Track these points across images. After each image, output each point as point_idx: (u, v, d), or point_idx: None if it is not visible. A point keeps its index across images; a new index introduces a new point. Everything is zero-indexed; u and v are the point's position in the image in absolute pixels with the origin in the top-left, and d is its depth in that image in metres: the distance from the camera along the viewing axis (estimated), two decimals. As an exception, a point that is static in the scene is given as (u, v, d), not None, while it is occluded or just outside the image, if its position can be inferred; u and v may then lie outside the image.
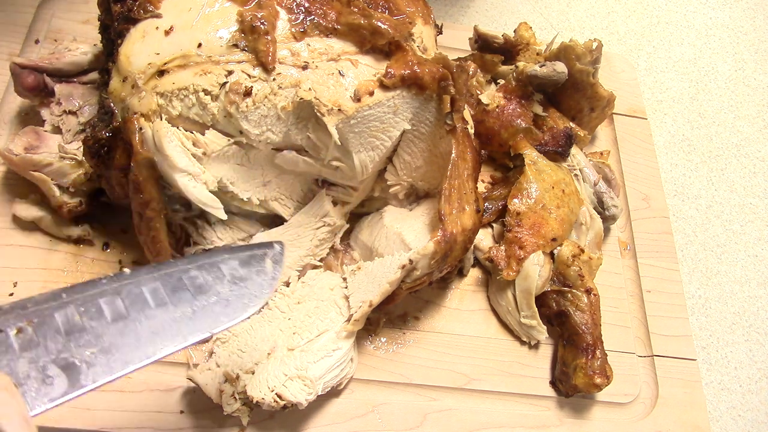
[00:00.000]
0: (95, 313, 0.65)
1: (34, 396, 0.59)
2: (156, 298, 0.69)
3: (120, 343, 0.65)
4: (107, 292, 0.66)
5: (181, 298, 0.70)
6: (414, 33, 0.98)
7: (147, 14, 0.92)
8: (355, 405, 1.00)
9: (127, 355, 0.65)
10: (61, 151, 1.02)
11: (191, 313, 0.70)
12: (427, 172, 1.06)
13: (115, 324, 0.65)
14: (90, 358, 0.63)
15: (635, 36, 1.74)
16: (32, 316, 0.62)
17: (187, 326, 0.69)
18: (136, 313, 0.67)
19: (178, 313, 0.69)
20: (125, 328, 0.66)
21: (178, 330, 0.68)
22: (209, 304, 0.71)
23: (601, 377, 1.01)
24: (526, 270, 1.07)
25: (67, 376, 0.61)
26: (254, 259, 0.77)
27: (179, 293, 0.70)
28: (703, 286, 1.35)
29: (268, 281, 0.76)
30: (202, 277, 0.72)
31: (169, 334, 0.68)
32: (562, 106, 1.27)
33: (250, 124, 0.91)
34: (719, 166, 1.54)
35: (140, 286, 0.69)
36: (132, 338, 0.66)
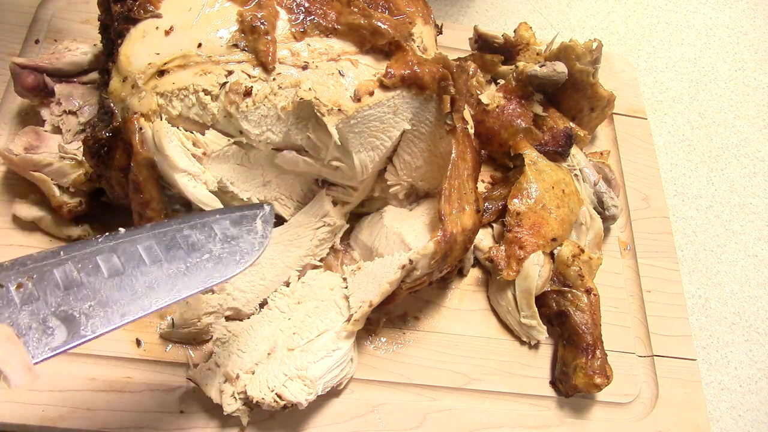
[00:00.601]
0: (92, 269, 0.68)
1: (35, 346, 0.62)
2: (151, 255, 0.72)
3: (117, 297, 0.68)
4: (103, 249, 0.70)
5: (175, 256, 0.73)
6: (414, 33, 0.98)
7: (147, 14, 0.92)
8: (355, 405, 1.00)
9: (124, 307, 0.68)
10: (61, 151, 1.02)
11: (185, 269, 0.73)
12: (427, 172, 1.06)
13: (111, 279, 0.68)
14: (88, 310, 0.66)
15: (635, 36, 1.74)
16: (32, 272, 0.65)
17: (181, 281, 0.72)
18: (131, 269, 0.70)
19: (173, 269, 0.72)
20: (121, 283, 0.69)
21: (173, 284, 0.71)
22: (202, 261, 0.74)
23: (601, 377, 1.01)
24: (526, 270, 1.07)
25: (66, 327, 0.64)
26: (245, 219, 0.81)
27: (173, 251, 0.73)
28: (703, 286, 1.35)
29: (258, 239, 0.80)
30: (194, 235, 0.75)
31: (164, 288, 0.71)
32: (562, 106, 1.27)
33: (250, 124, 0.91)
34: (719, 166, 1.54)
35: (135, 244, 0.72)
36: (128, 292, 0.69)
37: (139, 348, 0.99)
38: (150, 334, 1.00)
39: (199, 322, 0.98)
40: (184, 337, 0.99)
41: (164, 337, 1.00)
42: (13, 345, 0.60)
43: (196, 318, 0.97)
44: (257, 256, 0.79)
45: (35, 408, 0.91)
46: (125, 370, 0.96)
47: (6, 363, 0.58)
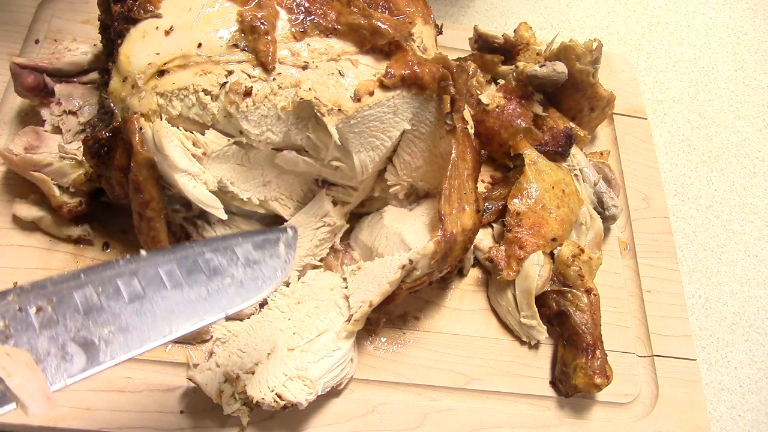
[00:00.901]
0: (112, 293, 0.67)
1: (53, 372, 0.61)
2: (172, 279, 0.70)
3: (137, 322, 0.66)
4: (124, 273, 0.68)
5: (197, 280, 0.71)
6: (414, 33, 0.98)
7: (147, 14, 0.92)
8: (355, 405, 1.00)
9: (144, 333, 0.66)
10: (61, 151, 1.02)
11: (206, 294, 0.71)
12: (427, 172, 1.06)
13: (132, 304, 0.67)
14: (108, 336, 0.64)
15: (635, 36, 1.74)
16: (51, 296, 0.64)
17: (202, 306, 0.71)
18: (152, 294, 0.68)
19: (194, 294, 0.71)
20: (142, 308, 0.67)
21: (194, 310, 0.70)
22: (224, 286, 0.73)
23: (601, 377, 1.01)
24: (526, 270, 1.07)
25: (85, 353, 0.63)
26: (268, 243, 0.79)
27: (194, 275, 0.72)
28: (703, 286, 1.35)
29: (281, 264, 0.78)
30: (216, 259, 0.74)
31: (184, 314, 0.69)
32: (562, 106, 1.27)
33: (250, 124, 0.91)
34: (719, 166, 1.54)
35: (156, 267, 0.70)
36: (149, 317, 0.67)
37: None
38: (150, 334, 1.00)
39: (199, 322, 0.98)
40: (184, 337, 0.99)
41: (164, 337, 1.00)
42: (32, 372, 0.59)
43: (196, 318, 0.97)
44: (280, 281, 0.77)
45: (35, 408, 0.91)
46: (125, 370, 0.96)
47: (24, 390, 0.56)
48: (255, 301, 0.74)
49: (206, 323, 0.70)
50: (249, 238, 0.78)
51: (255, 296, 0.74)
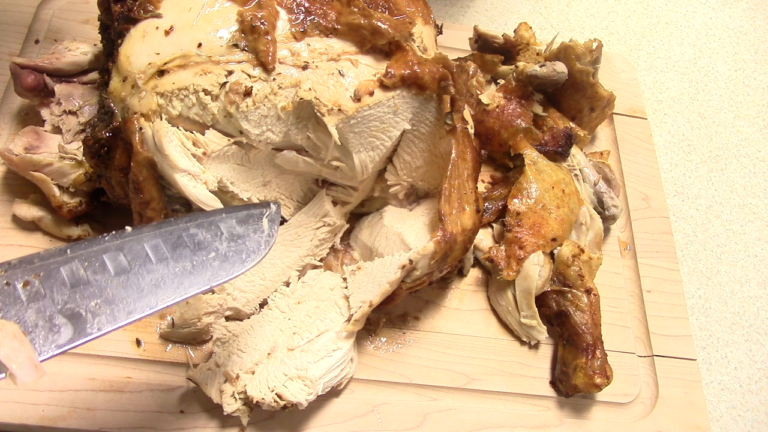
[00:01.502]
0: (99, 268, 0.68)
1: (42, 343, 0.63)
2: (157, 253, 0.72)
3: (123, 295, 0.68)
4: (110, 248, 0.70)
5: (181, 254, 0.73)
6: (414, 33, 0.98)
7: (147, 14, 0.92)
8: (355, 405, 1.00)
9: (130, 305, 0.68)
10: (61, 151, 1.02)
11: (191, 267, 0.73)
12: (427, 172, 1.06)
13: (117, 277, 0.69)
14: (94, 308, 0.66)
15: (635, 36, 1.74)
16: (39, 270, 0.66)
17: (187, 279, 0.72)
18: (138, 268, 0.70)
19: (179, 268, 0.72)
20: (128, 281, 0.69)
21: (179, 283, 0.72)
22: (208, 259, 0.75)
23: (601, 377, 1.01)
24: (526, 270, 1.07)
25: (72, 325, 0.65)
26: (251, 218, 0.81)
27: (179, 249, 0.73)
28: (703, 286, 1.35)
29: (265, 238, 0.80)
30: (201, 234, 0.76)
31: (170, 286, 0.71)
32: (562, 106, 1.27)
33: (250, 124, 0.91)
34: (719, 166, 1.54)
35: (142, 242, 0.72)
36: (134, 290, 0.69)
37: (139, 348, 0.99)
38: (150, 334, 1.00)
39: (199, 322, 0.98)
40: (184, 337, 0.99)
41: (164, 337, 1.00)
42: (20, 342, 0.60)
43: (196, 318, 0.97)
44: (263, 255, 0.79)
45: (35, 408, 0.91)
46: (125, 370, 0.97)
47: (12, 360, 0.58)
48: (239, 274, 0.76)
49: (191, 295, 0.72)
50: (233, 213, 0.80)
51: (239, 269, 0.76)
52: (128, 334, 0.99)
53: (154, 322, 1.01)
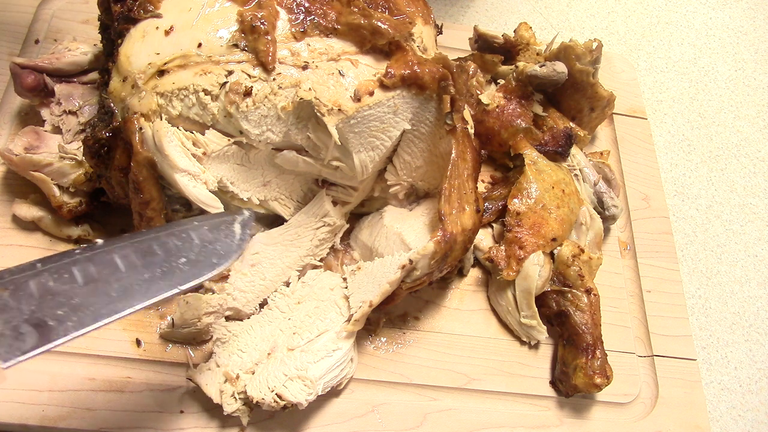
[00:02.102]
0: (68, 279, 0.69)
1: (7, 350, 0.63)
2: (126, 262, 0.72)
3: (90, 302, 0.68)
4: (80, 260, 0.70)
5: (151, 262, 0.74)
6: (414, 33, 0.98)
7: (147, 14, 0.92)
8: (355, 405, 1.00)
9: (98, 311, 0.68)
10: (61, 151, 1.02)
11: (161, 273, 0.74)
12: (427, 172, 1.06)
13: (86, 286, 0.69)
14: (60, 315, 0.66)
15: (635, 36, 1.74)
16: (8, 285, 0.66)
17: (156, 284, 0.73)
18: (107, 276, 0.71)
19: (148, 274, 0.73)
20: (96, 289, 0.69)
21: (147, 288, 0.72)
22: (178, 265, 0.75)
23: (601, 377, 1.01)
24: (526, 270, 1.07)
25: (38, 332, 0.65)
26: (224, 224, 0.82)
27: (149, 257, 0.74)
28: (703, 286, 1.35)
29: (237, 242, 0.80)
30: (172, 242, 0.76)
31: (138, 292, 0.71)
32: (562, 106, 1.27)
33: (250, 124, 0.91)
34: (719, 166, 1.54)
35: (112, 253, 0.72)
36: (102, 297, 0.69)
37: (139, 348, 0.99)
38: (150, 334, 1.00)
39: (199, 322, 0.98)
40: (184, 337, 0.99)
41: (164, 337, 1.00)
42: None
43: (196, 318, 0.97)
44: (235, 258, 0.79)
45: (35, 408, 0.91)
46: (125, 370, 0.97)
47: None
48: (209, 276, 0.76)
49: (159, 299, 0.72)
50: (205, 221, 0.80)
51: (209, 272, 0.76)
52: (128, 334, 0.99)
53: (154, 322, 1.01)
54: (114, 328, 0.99)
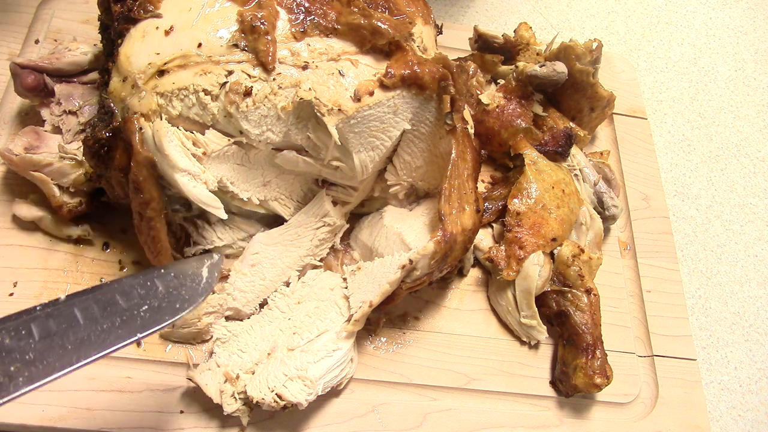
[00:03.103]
0: (24, 335, 0.67)
1: None
2: (86, 315, 0.71)
3: (44, 356, 0.67)
4: (40, 317, 0.69)
5: (112, 312, 0.72)
6: (414, 33, 0.98)
7: (147, 14, 0.92)
8: (355, 405, 1.00)
9: (51, 365, 0.67)
10: (61, 151, 1.02)
11: (120, 322, 0.72)
12: (427, 172, 1.06)
13: (42, 341, 0.68)
14: (12, 372, 0.65)
15: (635, 36, 1.74)
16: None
17: (113, 333, 0.71)
18: (64, 329, 0.69)
19: (107, 324, 0.71)
20: (51, 343, 0.68)
21: (104, 338, 0.70)
22: (139, 313, 0.74)
23: (601, 377, 1.01)
24: (526, 270, 1.07)
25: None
26: (191, 269, 0.81)
27: (111, 308, 0.73)
28: (703, 286, 1.35)
29: (203, 286, 0.79)
30: (135, 291, 0.75)
31: (94, 342, 0.70)
32: (562, 106, 1.27)
33: (250, 124, 0.91)
34: (719, 166, 1.54)
35: (73, 307, 0.71)
36: (57, 350, 0.68)
37: (139, 348, 0.99)
38: (150, 334, 1.00)
39: (199, 322, 0.98)
40: (184, 337, 0.99)
41: (164, 337, 1.00)
42: None
43: (196, 318, 0.97)
44: (199, 302, 0.78)
45: (35, 408, 0.91)
46: (125, 370, 0.96)
47: None
48: (170, 322, 0.75)
49: (117, 347, 0.71)
50: (172, 268, 0.79)
51: (170, 318, 0.75)
52: (128, 334, 0.99)
53: (154, 322, 1.01)
54: (114, 328, 0.99)
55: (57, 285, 1.01)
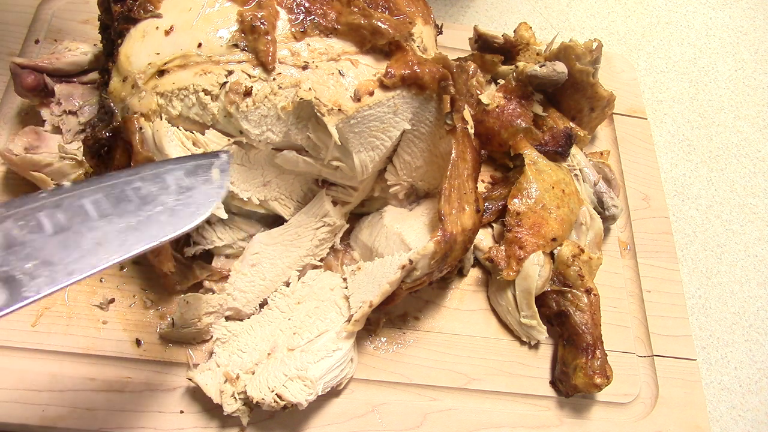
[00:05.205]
0: (35, 227, 0.64)
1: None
2: (98, 209, 0.67)
3: (62, 255, 0.64)
4: (46, 205, 0.65)
5: (125, 210, 0.69)
6: (414, 33, 0.98)
7: (147, 14, 0.92)
8: (355, 405, 1.00)
9: (71, 266, 0.64)
10: (61, 151, 1.02)
11: (136, 223, 0.68)
12: (427, 172, 1.06)
13: (56, 236, 0.64)
14: (31, 270, 0.62)
15: (635, 36, 1.74)
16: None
17: (132, 236, 0.68)
18: (78, 225, 0.66)
19: (122, 224, 0.68)
20: (67, 240, 0.64)
21: (123, 240, 0.67)
22: (154, 214, 0.70)
23: (601, 377, 1.01)
24: (526, 270, 1.07)
25: (8, 289, 0.60)
26: (200, 169, 0.76)
27: (123, 204, 0.69)
28: (703, 286, 1.35)
29: (215, 189, 0.75)
30: (146, 188, 0.71)
31: (113, 244, 0.66)
32: (562, 106, 1.27)
33: (250, 124, 0.91)
34: (719, 166, 1.54)
35: (81, 198, 0.67)
36: (75, 250, 0.64)
37: (139, 348, 0.99)
38: (150, 334, 1.00)
39: (199, 322, 0.98)
40: (184, 337, 0.99)
41: (164, 337, 1.00)
42: None
43: (196, 318, 0.97)
44: (213, 207, 0.74)
45: (35, 408, 0.91)
46: (125, 370, 0.96)
47: None
48: (189, 228, 0.71)
49: (137, 253, 0.67)
50: (180, 165, 0.75)
51: (188, 224, 0.72)
52: (128, 334, 0.99)
53: (154, 322, 1.01)
54: (114, 328, 0.99)
55: (57, 285, 1.01)
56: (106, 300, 1.01)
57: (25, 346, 0.96)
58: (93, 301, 1.01)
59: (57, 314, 0.99)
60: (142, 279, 1.04)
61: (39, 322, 0.98)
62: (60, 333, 0.97)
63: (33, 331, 0.97)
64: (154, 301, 1.03)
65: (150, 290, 1.03)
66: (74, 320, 0.99)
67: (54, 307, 0.99)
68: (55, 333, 0.97)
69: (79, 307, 1.00)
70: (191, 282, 1.02)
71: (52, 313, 0.99)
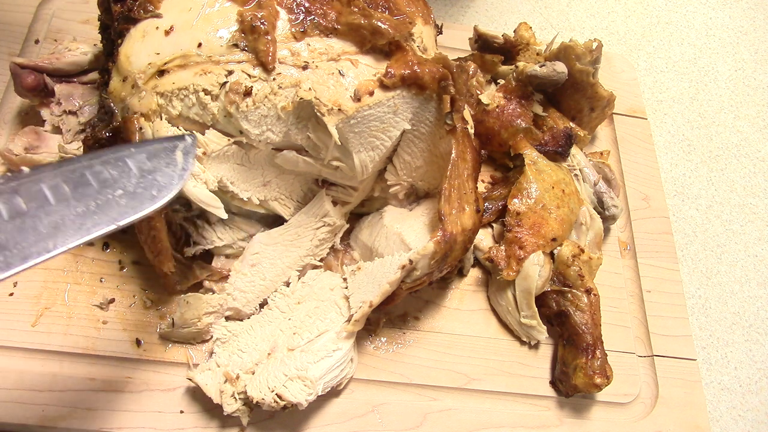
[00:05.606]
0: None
1: None
2: (57, 194, 0.67)
3: (17, 239, 0.63)
4: (4, 191, 0.65)
5: (84, 194, 0.68)
6: (414, 33, 0.98)
7: (147, 14, 0.92)
8: (355, 405, 1.00)
9: (26, 250, 0.63)
10: (61, 151, 1.02)
11: (95, 206, 0.68)
12: (427, 172, 1.06)
13: (11, 221, 0.63)
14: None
15: (635, 36, 1.74)
16: None
17: (90, 219, 0.67)
18: (35, 210, 0.65)
19: (81, 208, 0.67)
20: (23, 225, 0.64)
21: (81, 224, 0.66)
22: (114, 198, 0.69)
23: (601, 377, 1.01)
24: (526, 270, 1.07)
25: None
26: (164, 152, 0.76)
27: (82, 188, 0.68)
28: (703, 286, 1.35)
29: (178, 172, 0.75)
30: (107, 171, 0.70)
31: (71, 228, 0.66)
32: (562, 106, 1.27)
33: (250, 123, 0.91)
34: (719, 166, 1.54)
35: (39, 183, 0.66)
36: (31, 234, 0.64)
37: (139, 348, 0.99)
38: (150, 334, 1.00)
39: (199, 322, 0.98)
40: (184, 337, 0.99)
41: (164, 337, 1.00)
42: None
43: (196, 318, 0.97)
44: (176, 190, 0.73)
45: (35, 408, 0.91)
46: (125, 370, 0.96)
47: None
48: (150, 211, 0.71)
49: (94, 236, 0.66)
50: (143, 148, 0.74)
51: (149, 206, 0.71)
52: (128, 334, 0.99)
53: (154, 322, 1.01)
54: (114, 328, 0.99)
55: (57, 285, 1.01)
56: (106, 300, 1.01)
57: (25, 346, 0.96)
58: (93, 301, 1.01)
59: (57, 314, 0.99)
60: (142, 279, 1.04)
61: (39, 322, 0.98)
62: (60, 333, 0.97)
63: (33, 331, 0.97)
64: (154, 301, 1.03)
65: (150, 290, 1.04)
66: (74, 320, 0.99)
67: (54, 307, 0.99)
68: (55, 333, 0.97)
69: (79, 307, 1.00)
70: (191, 282, 1.02)
71: (52, 313, 0.99)
